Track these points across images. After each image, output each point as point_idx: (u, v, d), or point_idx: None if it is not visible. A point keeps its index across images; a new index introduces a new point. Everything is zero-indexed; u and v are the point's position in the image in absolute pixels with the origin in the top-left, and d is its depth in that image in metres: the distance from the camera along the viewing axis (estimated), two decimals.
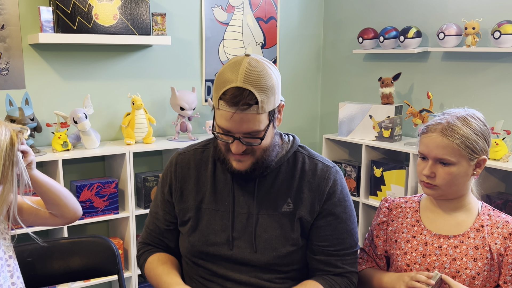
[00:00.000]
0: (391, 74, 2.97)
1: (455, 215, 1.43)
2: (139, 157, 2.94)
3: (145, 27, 2.72)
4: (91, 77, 2.79)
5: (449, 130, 1.35)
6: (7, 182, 1.18)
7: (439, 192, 1.39)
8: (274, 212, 1.42)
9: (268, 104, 1.30)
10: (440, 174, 1.36)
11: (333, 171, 1.46)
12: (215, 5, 3.12)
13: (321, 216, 1.43)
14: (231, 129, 1.31)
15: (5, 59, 2.54)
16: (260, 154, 1.37)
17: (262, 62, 1.33)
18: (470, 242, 1.38)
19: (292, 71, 3.51)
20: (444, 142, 1.34)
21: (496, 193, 2.50)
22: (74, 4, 2.51)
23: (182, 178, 1.50)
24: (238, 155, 1.35)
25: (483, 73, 2.69)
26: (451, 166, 1.35)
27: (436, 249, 1.40)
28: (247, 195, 1.44)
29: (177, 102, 2.85)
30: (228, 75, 1.29)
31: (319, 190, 1.43)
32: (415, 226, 1.46)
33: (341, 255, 1.44)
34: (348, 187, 1.57)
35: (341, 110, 3.06)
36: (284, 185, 1.44)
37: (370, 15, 3.24)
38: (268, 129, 1.34)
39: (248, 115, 1.28)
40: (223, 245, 1.42)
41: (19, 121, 2.41)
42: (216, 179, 1.47)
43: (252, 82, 1.27)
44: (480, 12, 2.65)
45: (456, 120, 1.38)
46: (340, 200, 1.45)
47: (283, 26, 3.42)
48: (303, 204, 1.42)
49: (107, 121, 2.87)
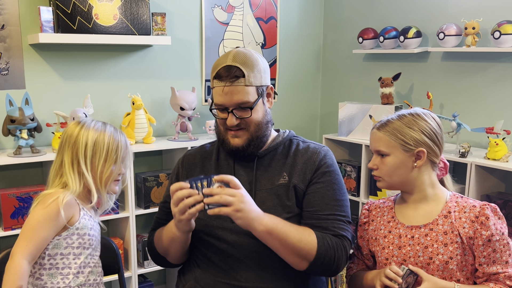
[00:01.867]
0: (391, 74, 2.98)
1: (422, 206, 1.52)
2: (139, 157, 2.94)
3: (145, 27, 2.72)
4: (91, 77, 2.79)
5: (383, 125, 1.51)
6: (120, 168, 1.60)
7: (384, 183, 1.54)
8: (271, 186, 1.56)
9: (255, 78, 1.50)
10: (380, 166, 1.52)
11: (325, 149, 1.62)
12: (215, 5, 3.12)
13: (312, 183, 1.55)
14: (224, 102, 1.49)
15: (5, 59, 2.54)
16: (254, 129, 1.54)
17: (250, 50, 1.55)
18: (439, 229, 1.46)
19: (292, 71, 3.51)
20: (378, 135, 1.51)
21: (496, 193, 2.50)
22: (74, 4, 2.51)
23: (188, 167, 1.67)
24: (234, 130, 1.53)
25: (483, 73, 2.69)
26: (386, 157, 1.50)
27: (409, 239, 1.49)
28: (247, 175, 1.58)
29: (177, 102, 2.85)
30: (220, 60, 1.52)
31: (311, 161, 1.57)
32: (390, 222, 1.56)
33: (331, 219, 1.52)
34: (348, 187, 1.59)
35: (341, 110, 3.06)
36: (280, 163, 1.59)
37: (370, 15, 3.24)
38: (257, 103, 1.52)
39: (238, 87, 1.48)
40: (226, 219, 1.49)
41: (19, 121, 2.41)
42: (219, 165, 1.63)
43: (239, 60, 1.49)
44: (480, 12, 2.65)
45: (394, 117, 1.52)
46: (330, 172, 1.58)
47: (283, 26, 3.42)
48: (297, 174, 1.56)
49: (107, 121, 2.85)
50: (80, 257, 1.52)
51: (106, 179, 1.56)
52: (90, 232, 1.54)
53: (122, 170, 1.60)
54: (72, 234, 1.51)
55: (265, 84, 1.55)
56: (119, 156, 1.57)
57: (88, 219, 1.55)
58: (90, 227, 1.54)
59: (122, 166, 1.60)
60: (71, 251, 1.51)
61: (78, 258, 1.52)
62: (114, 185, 1.60)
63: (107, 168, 1.55)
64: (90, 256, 1.55)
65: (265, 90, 1.56)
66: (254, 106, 1.51)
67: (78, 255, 1.52)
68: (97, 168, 1.54)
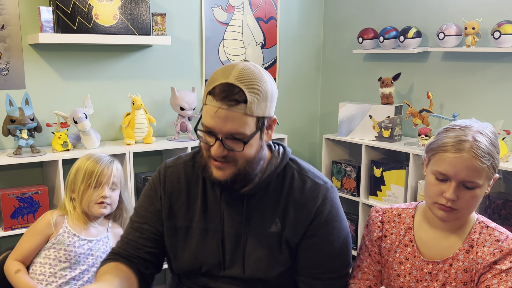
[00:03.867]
0: (391, 74, 2.98)
1: (449, 236, 1.33)
2: (139, 157, 2.94)
3: (145, 27, 2.72)
4: (91, 77, 2.79)
5: (479, 150, 1.21)
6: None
7: (457, 215, 1.28)
8: (263, 232, 1.35)
9: (258, 107, 1.21)
10: (464, 197, 1.24)
11: (323, 188, 1.36)
12: (215, 5, 3.12)
13: (306, 237, 1.35)
14: (215, 126, 1.21)
15: (5, 59, 2.54)
16: (243, 164, 1.27)
17: (259, 68, 1.26)
18: (459, 266, 1.31)
19: (292, 71, 3.51)
20: (475, 165, 1.20)
21: (496, 193, 2.50)
22: (74, 4, 2.51)
23: (171, 193, 1.41)
24: (219, 161, 1.26)
25: (483, 73, 2.69)
26: (476, 189, 1.23)
27: (426, 274, 1.34)
28: (236, 214, 1.36)
29: (177, 102, 2.85)
30: (221, 73, 1.22)
31: (305, 210, 1.34)
32: (408, 247, 1.37)
33: (325, 279, 1.37)
34: (348, 187, 1.52)
35: (341, 110, 3.06)
36: (272, 203, 1.36)
37: (370, 15, 3.24)
38: (254, 137, 1.24)
39: (235, 113, 1.19)
40: (214, 265, 1.38)
41: (19, 121, 2.41)
42: (206, 196, 1.39)
43: (244, 80, 1.20)
44: (480, 12, 2.65)
45: (481, 137, 1.23)
46: (327, 220, 1.35)
47: (283, 26, 3.42)
48: (290, 224, 1.34)
49: (107, 121, 2.87)
50: (55, 268, 1.74)
51: (85, 202, 1.77)
52: (67, 248, 1.74)
53: (104, 194, 1.77)
54: (49, 247, 1.75)
55: (268, 116, 1.26)
56: (94, 181, 1.76)
57: (68, 237, 1.76)
58: (67, 243, 1.75)
59: (108, 190, 1.79)
60: (47, 261, 1.74)
61: (53, 269, 1.74)
62: (99, 207, 1.78)
63: (84, 192, 1.77)
64: (69, 270, 1.75)
65: (266, 122, 1.27)
66: (249, 141, 1.23)
67: (53, 266, 1.74)
68: (79, 192, 1.78)
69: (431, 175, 1.28)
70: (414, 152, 2.66)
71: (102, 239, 1.83)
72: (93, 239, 1.81)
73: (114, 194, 1.83)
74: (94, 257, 1.79)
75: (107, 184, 1.79)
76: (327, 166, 3.22)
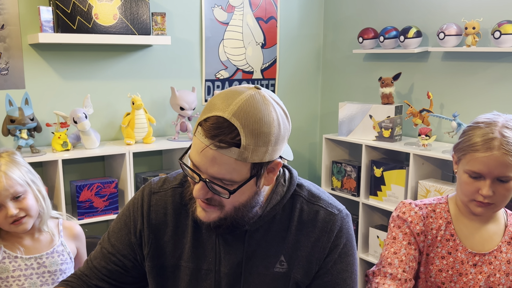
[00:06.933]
0: (391, 74, 2.97)
1: (487, 227, 1.37)
2: (139, 157, 2.94)
3: (145, 27, 2.72)
4: (91, 77, 2.79)
5: (508, 145, 1.23)
6: None
7: (495, 209, 1.32)
8: (265, 272, 1.17)
9: (254, 154, 1.00)
10: (499, 192, 1.27)
11: (338, 218, 1.19)
12: (215, 5, 3.12)
13: (318, 275, 1.18)
14: (199, 165, 1.03)
15: (5, 59, 2.54)
16: (230, 211, 1.09)
17: (269, 101, 1.03)
18: (503, 257, 1.35)
19: (292, 71, 3.51)
20: (507, 160, 1.23)
21: None
22: (74, 4, 2.51)
23: (156, 227, 1.22)
24: (202, 202, 1.08)
25: (483, 73, 2.69)
26: (510, 181, 1.27)
27: (471, 267, 1.35)
28: (234, 251, 1.17)
29: (177, 102, 2.85)
30: (221, 101, 1.01)
31: (319, 246, 1.17)
32: (449, 241, 1.36)
33: None
34: (348, 187, 1.48)
35: (341, 110, 3.06)
36: (277, 239, 1.17)
37: (370, 15, 3.24)
38: (245, 185, 1.04)
39: (224, 156, 0.99)
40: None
41: (18, 121, 2.41)
42: (198, 229, 1.19)
43: (243, 118, 0.98)
44: (480, 12, 2.65)
45: (508, 132, 1.26)
46: (341, 255, 1.18)
47: (283, 26, 3.42)
48: (300, 264, 1.17)
49: (107, 121, 2.87)
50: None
51: (1, 226, 1.51)
52: (14, 274, 1.50)
53: (11, 212, 1.46)
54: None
55: (269, 160, 1.05)
56: None
57: (10, 262, 1.51)
58: (12, 269, 1.51)
59: (13, 205, 1.47)
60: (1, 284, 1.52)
61: None
62: (16, 226, 1.49)
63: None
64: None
65: (265, 169, 1.06)
66: (238, 189, 1.04)
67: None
68: None
69: (464, 174, 1.31)
70: (414, 152, 2.66)
71: (55, 249, 1.58)
72: (42, 253, 1.55)
73: (26, 202, 1.50)
74: (51, 273, 1.56)
75: (8, 198, 1.46)
76: (327, 166, 3.22)
